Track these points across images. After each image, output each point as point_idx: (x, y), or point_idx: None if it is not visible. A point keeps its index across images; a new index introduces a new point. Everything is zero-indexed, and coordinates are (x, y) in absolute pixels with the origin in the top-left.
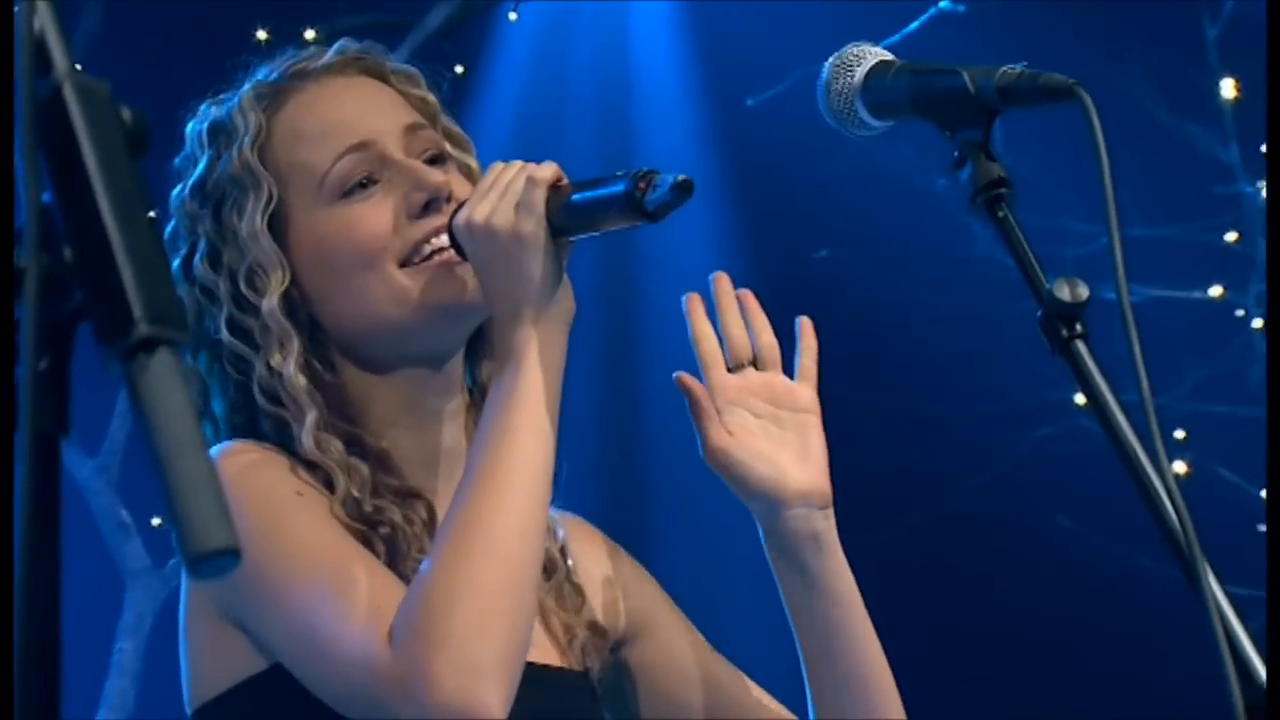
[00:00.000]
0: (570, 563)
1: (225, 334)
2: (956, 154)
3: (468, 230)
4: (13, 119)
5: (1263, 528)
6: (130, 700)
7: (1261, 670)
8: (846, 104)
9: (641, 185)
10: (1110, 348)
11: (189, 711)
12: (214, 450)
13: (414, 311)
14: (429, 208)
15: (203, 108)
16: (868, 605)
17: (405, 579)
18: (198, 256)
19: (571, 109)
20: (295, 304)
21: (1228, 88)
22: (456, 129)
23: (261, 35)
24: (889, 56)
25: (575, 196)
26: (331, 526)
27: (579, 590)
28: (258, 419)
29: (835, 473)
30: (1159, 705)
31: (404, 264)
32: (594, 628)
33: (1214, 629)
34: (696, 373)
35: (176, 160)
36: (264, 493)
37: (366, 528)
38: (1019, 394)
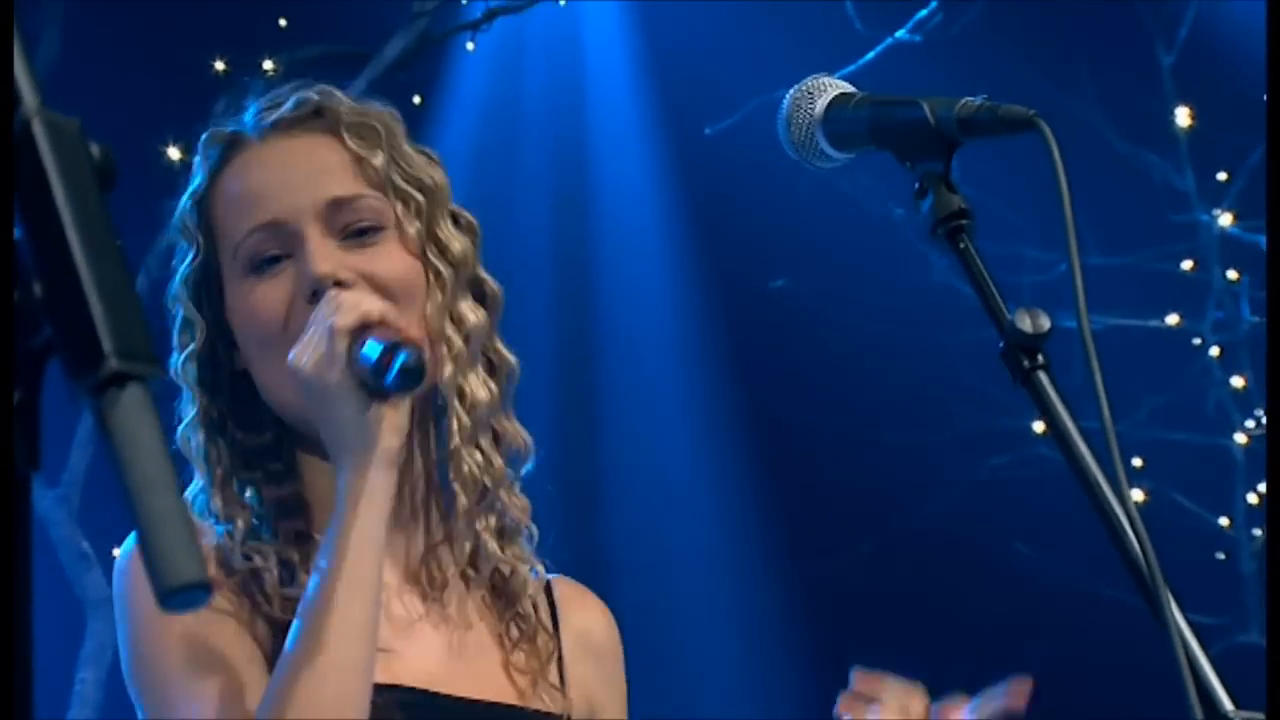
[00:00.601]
0: (559, 623)
1: (174, 375)
2: (917, 185)
3: (291, 376)
4: (11, 91)
5: (1222, 555)
6: None
7: (1225, 699)
8: (807, 136)
9: (385, 359)
10: (1066, 375)
11: None
12: (129, 543)
13: (298, 399)
14: (316, 295)
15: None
16: (824, 632)
17: (271, 619)
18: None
19: (529, 138)
20: (220, 361)
21: (1183, 116)
22: (412, 189)
23: (219, 66)
24: (849, 88)
25: (360, 352)
26: (204, 643)
27: (553, 646)
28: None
29: (792, 499)
30: None
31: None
32: (557, 681)
33: (1177, 656)
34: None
35: None
36: (147, 617)
37: (233, 577)
38: (974, 421)
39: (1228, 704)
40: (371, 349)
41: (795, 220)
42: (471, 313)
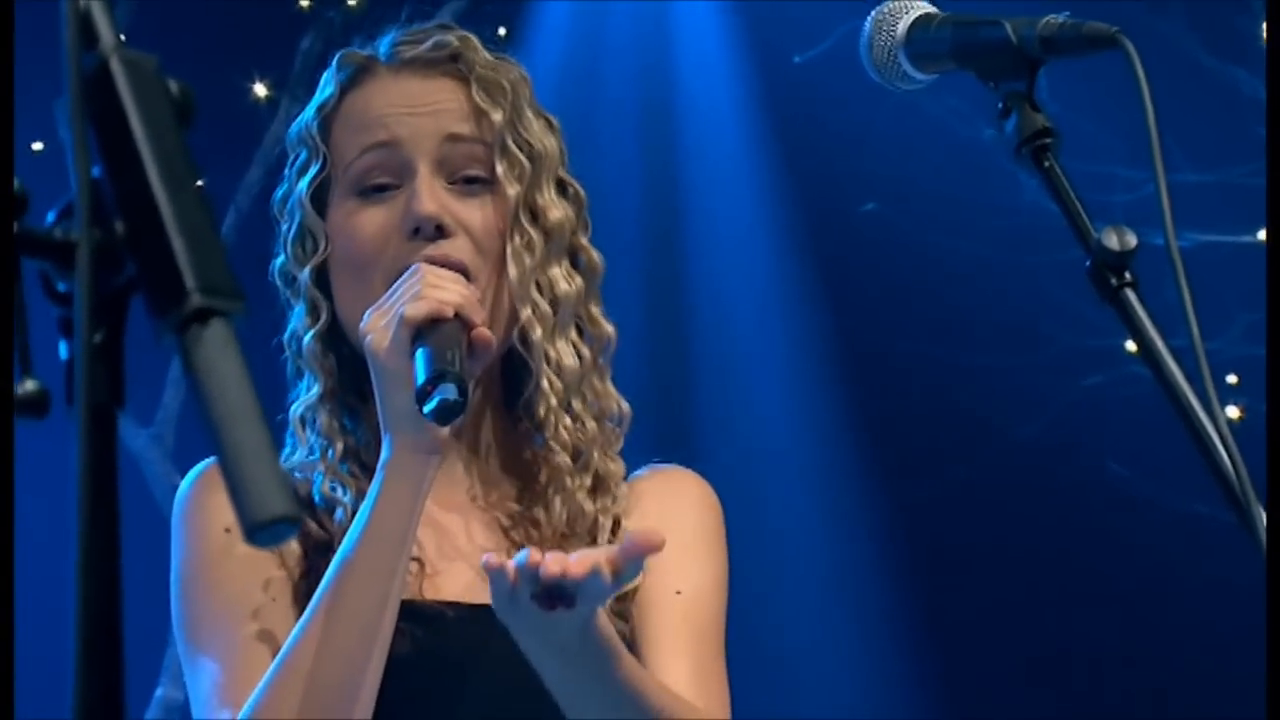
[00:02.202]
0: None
1: (275, 277)
2: (1001, 105)
3: (361, 339)
4: (11, 86)
5: None
6: None
7: None
8: (890, 58)
9: (428, 388)
10: (1162, 293)
11: None
12: (194, 470)
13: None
14: (418, 233)
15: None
16: (922, 557)
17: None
18: (277, 196)
19: (615, 67)
20: (334, 279)
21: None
22: (520, 152)
23: (304, 2)
24: (931, 9)
25: (415, 360)
26: (242, 591)
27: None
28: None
29: (886, 424)
30: (1215, 649)
31: (389, 280)
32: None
33: (1269, 572)
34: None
35: None
36: (196, 540)
37: (310, 510)
38: (1068, 342)
39: None
40: (422, 365)
41: (885, 144)
42: (564, 280)
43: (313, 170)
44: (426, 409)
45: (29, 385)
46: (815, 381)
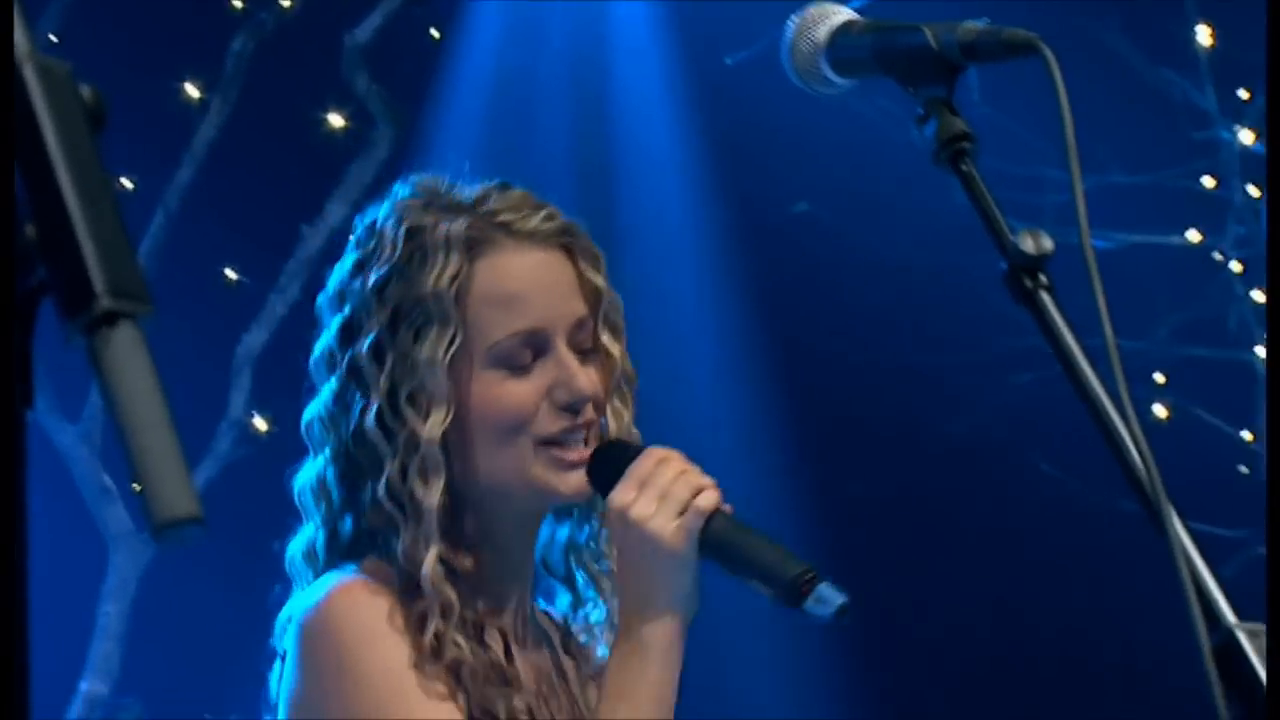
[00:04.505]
0: None
1: (371, 423)
2: (920, 110)
3: (622, 522)
4: (11, 85)
5: (1244, 469)
6: (115, 663)
7: (1228, 612)
8: (811, 62)
9: (804, 588)
10: (1090, 293)
11: None
12: (332, 579)
13: (527, 485)
14: (570, 407)
15: (402, 194)
16: (849, 558)
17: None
18: (365, 344)
19: (549, 68)
20: (449, 438)
21: (1203, 34)
22: (615, 316)
23: (237, 4)
24: (853, 15)
25: (737, 541)
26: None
27: None
28: (361, 520)
29: (816, 426)
30: (1139, 646)
31: (542, 443)
32: None
33: (1179, 571)
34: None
35: (360, 231)
36: (381, 677)
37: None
38: (997, 341)
39: (1230, 616)
40: (765, 561)
41: (818, 146)
42: (624, 410)
43: (448, 341)
44: (817, 609)
45: None
46: (747, 382)
